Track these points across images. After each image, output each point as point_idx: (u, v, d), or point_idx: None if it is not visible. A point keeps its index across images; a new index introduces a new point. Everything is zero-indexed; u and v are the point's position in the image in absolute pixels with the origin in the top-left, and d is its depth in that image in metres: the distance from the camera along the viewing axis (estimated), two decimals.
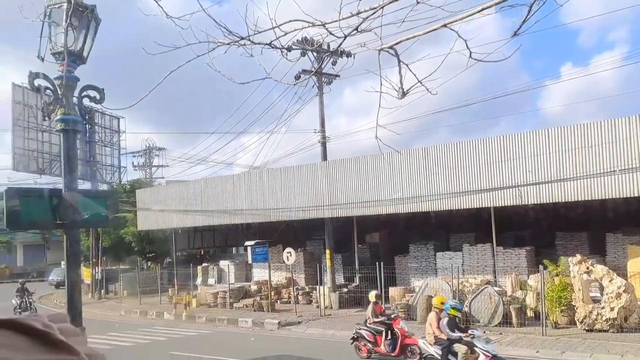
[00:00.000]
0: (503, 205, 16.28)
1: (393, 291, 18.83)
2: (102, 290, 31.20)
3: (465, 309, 16.58)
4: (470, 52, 4.35)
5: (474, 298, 16.50)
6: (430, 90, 4.71)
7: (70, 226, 8.37)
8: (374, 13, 4.46)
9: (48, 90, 8.68)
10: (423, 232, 22.61)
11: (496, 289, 16.79)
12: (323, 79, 22.78)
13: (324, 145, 22.73)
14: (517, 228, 21.34)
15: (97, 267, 31.51)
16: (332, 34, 4.64)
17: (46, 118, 10.04)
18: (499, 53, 4.90)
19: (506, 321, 15.88)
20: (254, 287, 24.08)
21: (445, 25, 4.35)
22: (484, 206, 16.57)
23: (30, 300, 25.57)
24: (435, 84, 4.93)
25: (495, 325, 15.86)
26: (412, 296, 18.09)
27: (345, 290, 21.29)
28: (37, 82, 8.53)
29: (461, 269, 18.68)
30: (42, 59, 8.72)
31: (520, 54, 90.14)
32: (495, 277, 18.36)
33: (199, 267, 27.41)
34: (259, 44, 4.67)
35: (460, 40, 4.33)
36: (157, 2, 4.90)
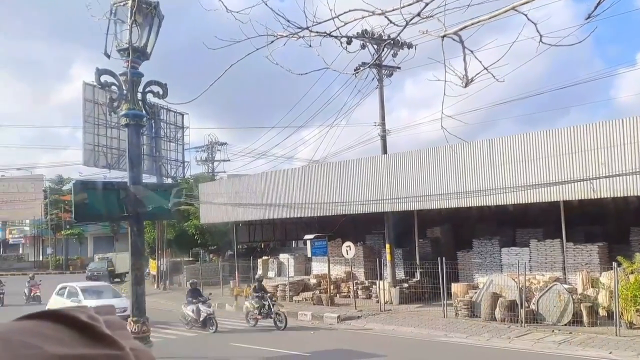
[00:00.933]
0: (574, 199, 15.47)
1: (455, 287, 18.34)
2: (167, 281, 32.19)
3: (533, 306, 15.93)
4: (541, 36, 4.06)
5: (541, 296, 15.81)
6: (497, 77, 4.45)
7: (135, 218, 8.59)
8: None
9: (114, 87, 8.92)
10: (487, 227, 21.89)
11: (566, 286, 16.02)
12: (383, 71, 22.43)
13: (384, 138, 22.39)
14: (588, 223, 20.25)
15: (162, 259, 32.54)
16: (393, 23, 4.45)
17: (111, 113, 10.36)
18: (572, 37, 4.55)
19: (576, 320, 15.12)
20: (313, 281, 24.13)
21: (513, 8, 4.07)
22: (553, 200, 15.79)
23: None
24: (502, 72, 4.66)
25: (565, 325, 15.13)
26: (475, 292, 17.55)
27: (405, 285, 20.94)
28: (103, 78, 8.78)
29: (528, 265, 17.90)
30: (108, 56, 8.95)
31: (593, 41, 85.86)
32: (565, 274, 17.52)
33: (260, 260, 27.76)
34: (317, 33, 4.55)
35: (529, 26, 4.05)
36: None
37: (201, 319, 17.35)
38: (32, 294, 26.47)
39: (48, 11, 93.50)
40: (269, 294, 18.16)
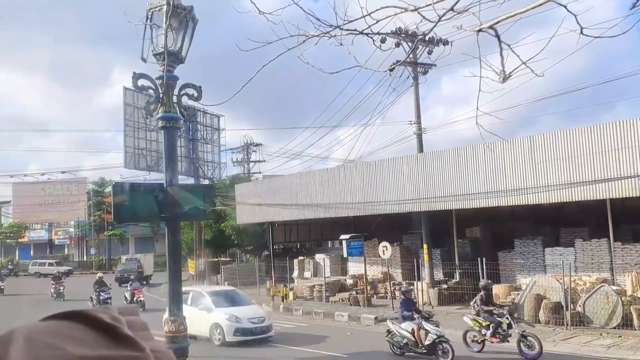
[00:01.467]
0: (621, 196, 14.85)
1: (497, 289, 17.88)
2: (205, 281, 32.56)
3: (579, 309, 15.39)
4: (582, 29, 3.85)
5: (588, 298, 15.25)
6: (536, 72, 4.26)
7: (171, 219, 8.64)
8: None
9: (150, 90, 9.01)
10: (529, 226, 21.27)
11: (614, 288, 15.41)
12: (418, 68, 22.14)
13: (419, 136, 22.12)
14: (637, 221, 19.46)
15: (200, 259, 32.95)
16: (426, 19, 4.32)
17: (148, 116, 10.48)
18: (616, 29, 4.30)
19: (626, 323, 14.53)
20: (349, 281, 23.98)
21: (551, 0, 3.87)
22: (598, 198, 15.20)
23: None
24: (542, 66, 4.46)
25: (614, 328, 14.55)
26: (518, 294, 17.08)
27: (444, 286, 20.57)
28: (140, 82, 8.87)
29: (573, 266, 17.33)
30: (145, 60, 9.04)
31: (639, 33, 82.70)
32: (613, 275, 16.85)
33: (295, 260, 27.79)
34: (349, 32, 4.45)
35: (570, 18, 3.84)
36: None
37: (426, 342, 12.39)
38: (135, 299, 23.27)
39: (92, 18, 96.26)
40: (505, 308, 13.47)
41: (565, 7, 3.85)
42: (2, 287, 32.55)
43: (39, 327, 0.64)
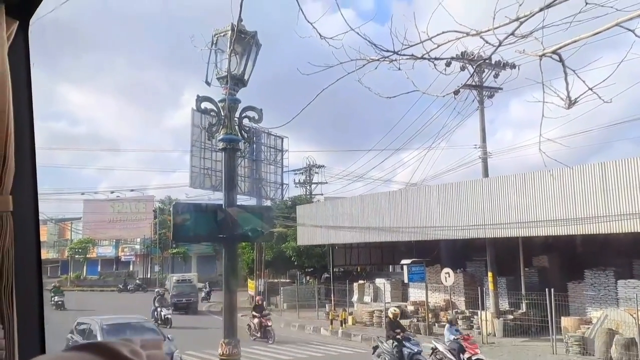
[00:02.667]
0: None
1: (566, 321, 16.96)
2: (264, 302, 32.73)
3: None
4: None
5: None
6: (603, 98, 4.08)
7: (229, 240, 8.76)
8: (530, 17, 3.98)
9: (213, 112, 9.29)
10: (601, 257, 20.08)
11: None
12: (484, 92, 21.73)
13: (484, 161, 21.58)
14: None
15: (260, 280, 33.24)
16: (489, 43, 4.23)
17: (210, 138, 10.78)
18: None
19: None
20: (410, 308, 23.43)
21: (618, 25, 3.69)
22: None
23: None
24: (613, 91, 4.25)
25: None
26: (588, 328, 16.11)
27: (510, 317, 19.70)
28: (203, 105, 9.17)
29: None
30: (209, 84, 9.34)
31: None
32: None
33: (355, 284, 27.50)
34: (408, 57, 4.42)
35: (638, 42, 3.64)
36: (311, 24, 4.91)
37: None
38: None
39: (165, 42, 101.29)
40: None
41: (632, 31, 3.67)
42: (169, 316, 24.41)
43: (57, 358, 0.66)
